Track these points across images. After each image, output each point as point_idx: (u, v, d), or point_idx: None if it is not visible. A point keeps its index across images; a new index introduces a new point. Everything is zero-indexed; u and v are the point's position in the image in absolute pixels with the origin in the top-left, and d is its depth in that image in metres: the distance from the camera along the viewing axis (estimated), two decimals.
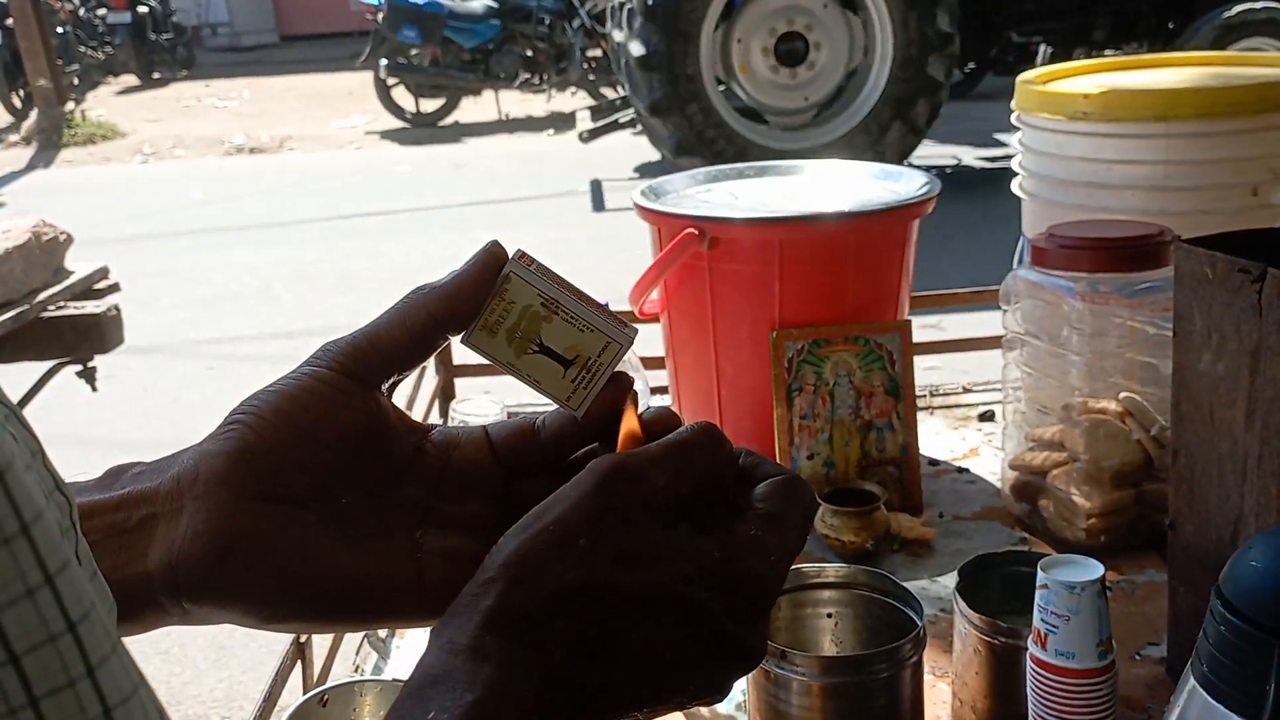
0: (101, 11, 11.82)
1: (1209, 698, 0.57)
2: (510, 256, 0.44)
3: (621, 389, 0.45)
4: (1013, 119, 1.40)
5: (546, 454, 0.46)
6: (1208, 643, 0.58)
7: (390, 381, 0.44)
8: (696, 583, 0.39)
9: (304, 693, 0.83)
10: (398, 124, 9.48)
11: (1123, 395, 1.14)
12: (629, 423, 0.44)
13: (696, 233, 1.24)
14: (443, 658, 0.37)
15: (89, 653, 0.26)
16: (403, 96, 9.41)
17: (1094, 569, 0.72)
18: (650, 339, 1.51)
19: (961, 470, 1.36)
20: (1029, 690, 0.75)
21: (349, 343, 0.44)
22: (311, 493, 0.42)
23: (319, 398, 0.42)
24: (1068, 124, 1.27)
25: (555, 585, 0.38)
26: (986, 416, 1.51)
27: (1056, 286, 1.14)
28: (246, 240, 6.44)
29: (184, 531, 0.40)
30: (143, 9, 11.91)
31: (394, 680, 0.81)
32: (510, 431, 0.46)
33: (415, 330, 0.44)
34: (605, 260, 4.88)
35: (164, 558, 0.40)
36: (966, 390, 1.60)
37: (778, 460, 1.24)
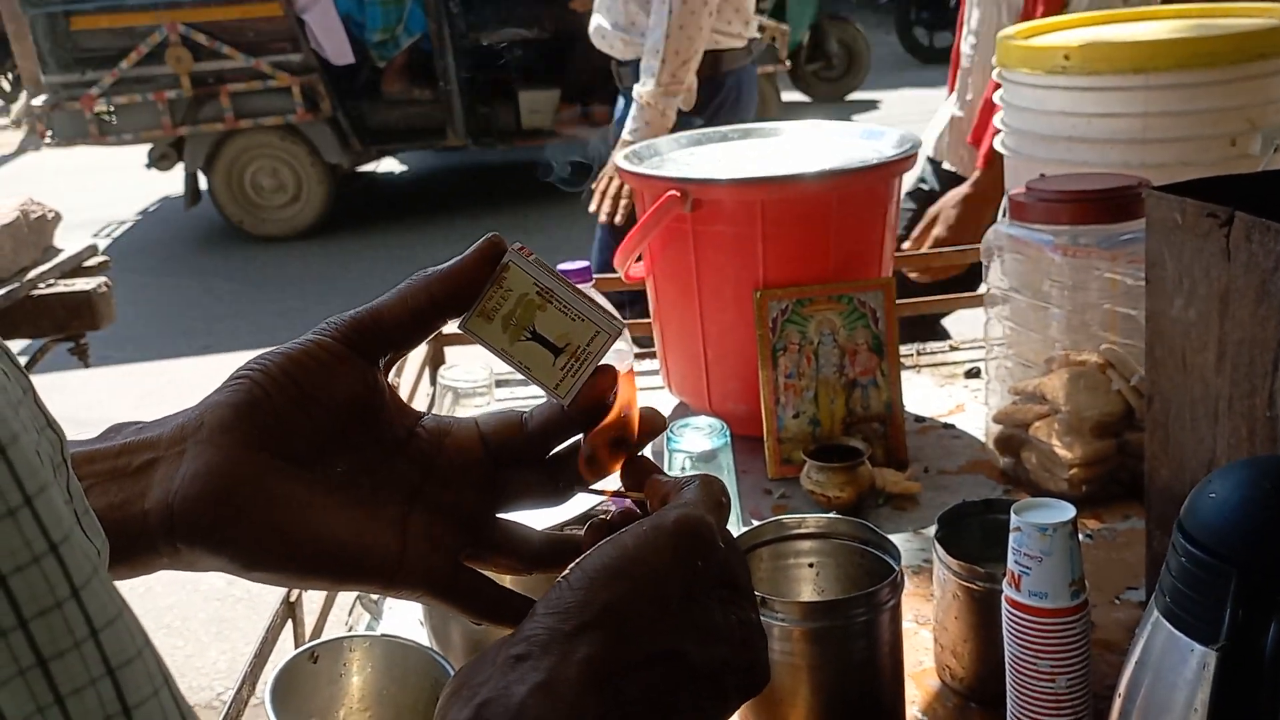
0: None
1: (1171, 628, 0.59)
2: (509, 247, 0.46)
3: (608, 380, 0.46)
4: (993, 75, 1.40)
5: (532, 446, 0.48)
6: (1169, 575, 0.60)
7: (388, 358, 0.46)
8: (731, 665, 0.42)
9: (295, 648, 0.84)
10: None
11: (1103, 347, 1.15)
12: (623, 399, 0.46)
13: (679, 195, 1.24)
14: (542, 703, 0.38)
15: (72, 574, 0.27)
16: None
17: (1066, 510, 0.74)
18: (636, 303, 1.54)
19: (947, 426, 1.37)
20: (1004, 631, 0.76)
21: (352, 316, 0.45)
22: (309, 455, 0.44)
23: (322, 364, 0.44)
24: (1048, 78, 1.28)
25: (651, 648, 0.40)
26: (972, 373, 1.52)
27: (1037, 240, 1.15)
28: None
29: (184, 472, 0.42)
30: None
31: (383, 635, 0.82)
32: (499, 423, 0.48)
33: (416, 309, 0.45)
34: None
35: (162, 497, 0.42)
36: (954, 348, 1.62)
37: (764, 420, 1.26)
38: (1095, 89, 1.24)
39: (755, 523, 1.17)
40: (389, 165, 7.16)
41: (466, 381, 1.33)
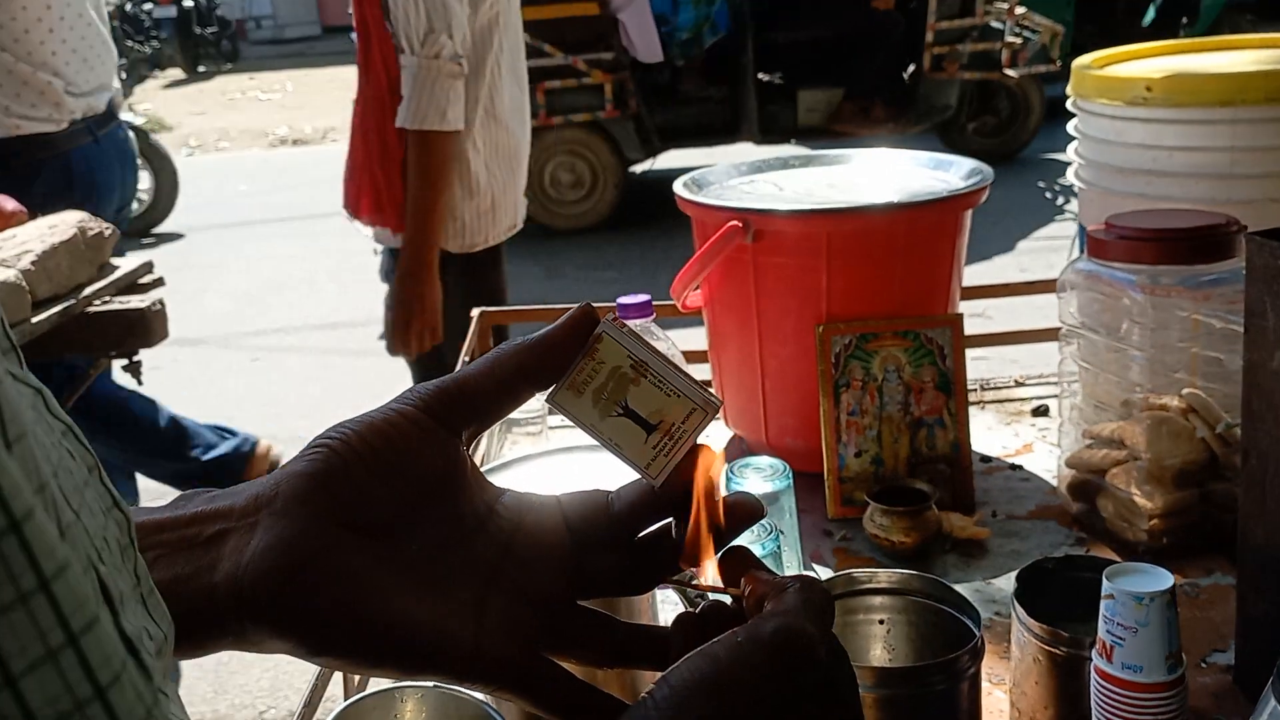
0: (148, 6, 11.98)
1: None
2: (603, 318, 0.44)
3: (703, 461, 0.43)
4: (1069, 105, 1.36)
5: (618, 528, 0.45)
6: None
7: (472, 430, 0.44)
8: None
9: (344, 696, 0.82)
10: None
11: (1185, 391, 1.09)
12: (707, 501, 0.43)
13: (740, 225, 1.21)
14: None
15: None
16: None
17: (1163, 579, 0.69)
18: (693, 334, 1.50)
19: (1015, 467, 1.32)
20: (1093, 704, 0.72)
21: (437, 386, 0.43)
22: (386, 530, 0.41)
23: (404, 434, 0.42)
24: (1127, 109, 1.23)
25: None
26: (1040, 411, 1.47)
27: (1116, 279, 1.10)
28: (290, 232, 6.50)
29: (255, 545, 0.40)
30: (188, 3, 12.06)
31: (435, 686, 0.79)
32: (583, 503, 0.45)
33: (503, 380, 0.43)
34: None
35: (231, 570, 0.39)
36: (1019, 384, 1.56)
37: (825, 459, 1.21)
38: (1179, 121, 1.19)
39: (816, 567, 1.13)
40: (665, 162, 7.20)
41: (519, 411, 1.31)
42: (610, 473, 0.45)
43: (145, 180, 6.64)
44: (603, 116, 5.79)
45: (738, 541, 0.44)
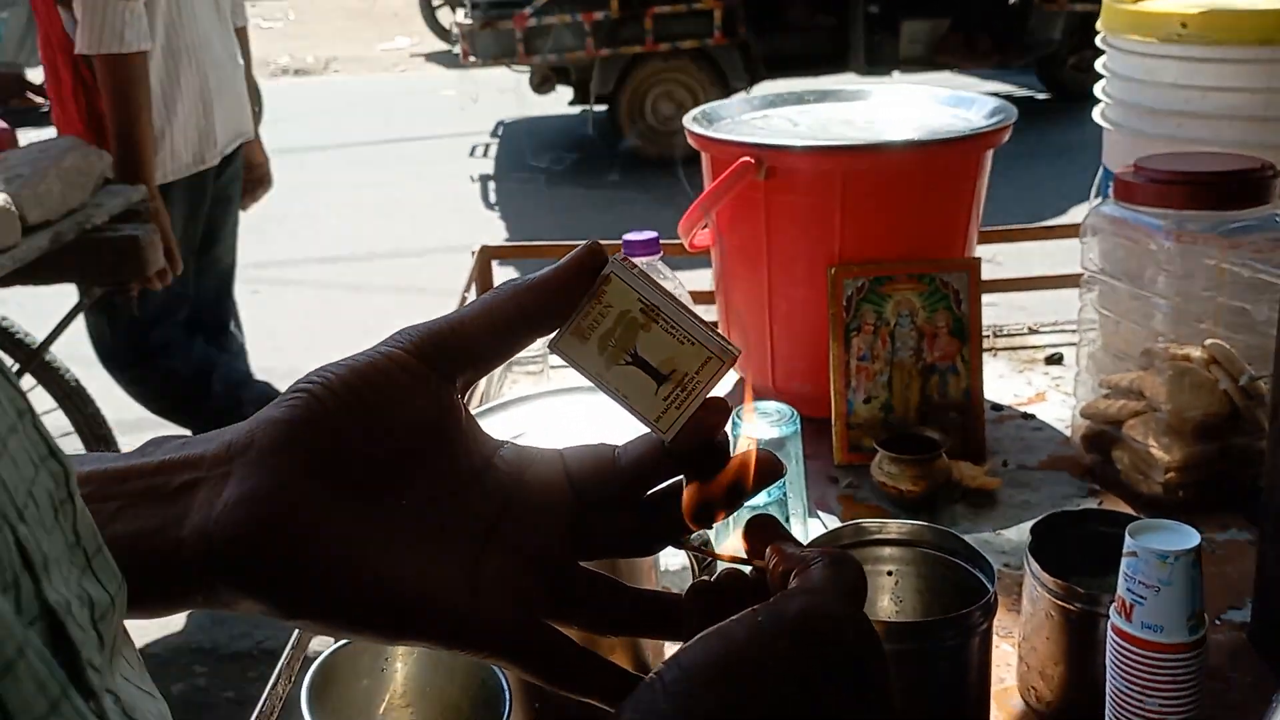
0: None
1: None
2: (611, 258, 0.40)
3: (717, 415, 0.40)
4: (1098, 41, 1.30)
5: (625, 485, 0.41)
6: None
7: (467, 377, 0.40)
8: None
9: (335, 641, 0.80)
10: (443, 46, 9.34)
11: (1209, 342, 1.06)
12: (738, 464, 0.40)
13: (753, 162, 1.16)
14: None
15: None
16: (449, 18, 9.26)
17: (1189, 537, 0.66)
18: (700, 274, 1.46)
19: (1027, 416, 1.29)
20: (1109, 662, 0.69)
21: (430, 328, 0.40)
22: (370, 483, 0.38)
23: (391, 379, 0.38)
24: (1160, 46, 1.17)
25: None
26: (1054, 359, 1.43)
27: (1143, 224, 1.06)
28: (290, 164, 6.41)
29: (227, 498, 0.36)
30: None
31: None
32: (588, 457, 0.42)
33: (501, 322, 0.40)
34: None
35: (200, 524, 0.36)
36: (1032, 331, 1.52)
37: (833, 404, 1.18)
38: (1213, 60, 1.14)
39: (821, 515, 1.11)
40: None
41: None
42: (616, 419, 0.42)
43: None
44: (710, 44, 5.67)
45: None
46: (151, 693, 0.34)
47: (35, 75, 2.44)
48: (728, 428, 0.41)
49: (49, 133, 2.13)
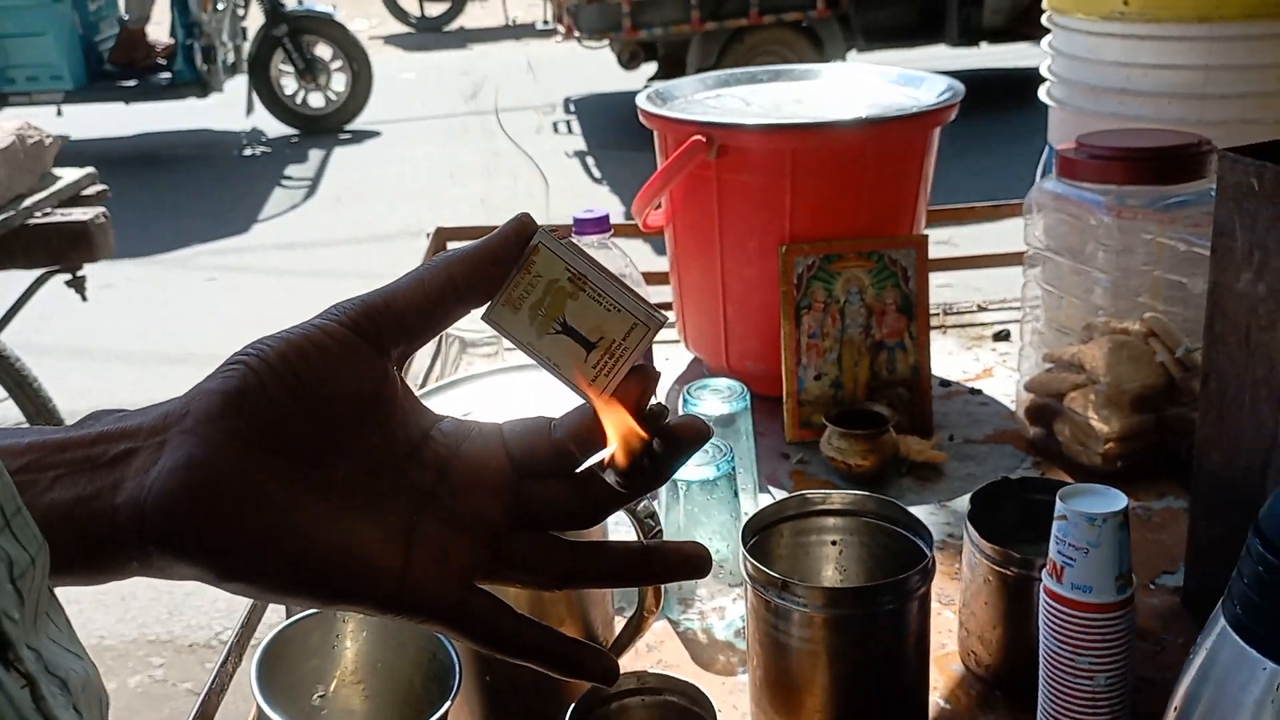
0: None
1: (1240, 640, 0.53)
2: (540, 228, 0.41)
3: (645, 381, 0.40)
4: (1044, 19, 1.32)
5: (560, 456, 0.42)
6: (1241, 582, 0.54)
7: (401, 349, 0.41)
8: None
9: (287, 616, 0.80)
10: (402, 29, 9.25)
11: (1147, 315, 1.08)
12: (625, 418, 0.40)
13: (704, 140, 1.17)
14: None
15: None
16: (408, 0, 9.18)
17: (1116, 500, 0.68)
18: (654, 253, 1.47)
19: (974, 391, 1.32)
20: (1041, 623, 0.71)
21: (363, 301, 0.40)
22: (306, 454, 0.39)
23: (326, 352, 0.39)
24: (1102, 24, 1.19)
25: None
26: (1001, 336, 1.46)
27: (1084, 200, 1.08)
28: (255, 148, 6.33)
29: (162, 465, 0.37)
30: None
31: None
32: (524, 429, 0.43)
33: (434, 294, 0.40)
34: None
35: (134, 492, 0.37)
36: (981, 309, 1.55)
37: (784, 381, 1.20)
38: (1154, 38, 1.16)
39: (773, 490, 1.12)
40: None
41: (473, 330, 1.28)
42: (563, 393, 0.43)
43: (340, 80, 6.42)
44: (814, 15, 5.72)
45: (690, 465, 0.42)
46: (80, 654, 0.34)
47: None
48: (680, 403, 0.42)
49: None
